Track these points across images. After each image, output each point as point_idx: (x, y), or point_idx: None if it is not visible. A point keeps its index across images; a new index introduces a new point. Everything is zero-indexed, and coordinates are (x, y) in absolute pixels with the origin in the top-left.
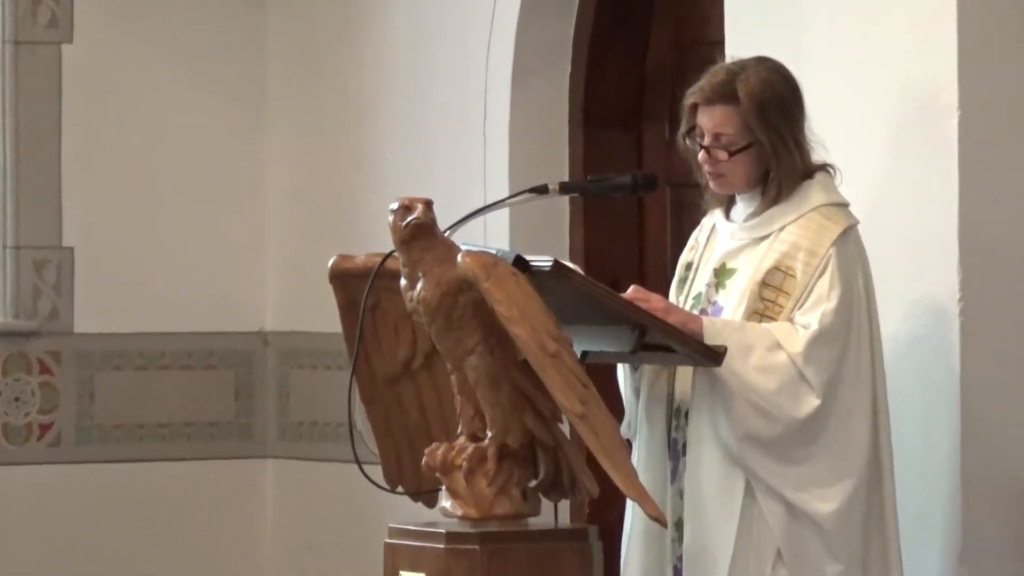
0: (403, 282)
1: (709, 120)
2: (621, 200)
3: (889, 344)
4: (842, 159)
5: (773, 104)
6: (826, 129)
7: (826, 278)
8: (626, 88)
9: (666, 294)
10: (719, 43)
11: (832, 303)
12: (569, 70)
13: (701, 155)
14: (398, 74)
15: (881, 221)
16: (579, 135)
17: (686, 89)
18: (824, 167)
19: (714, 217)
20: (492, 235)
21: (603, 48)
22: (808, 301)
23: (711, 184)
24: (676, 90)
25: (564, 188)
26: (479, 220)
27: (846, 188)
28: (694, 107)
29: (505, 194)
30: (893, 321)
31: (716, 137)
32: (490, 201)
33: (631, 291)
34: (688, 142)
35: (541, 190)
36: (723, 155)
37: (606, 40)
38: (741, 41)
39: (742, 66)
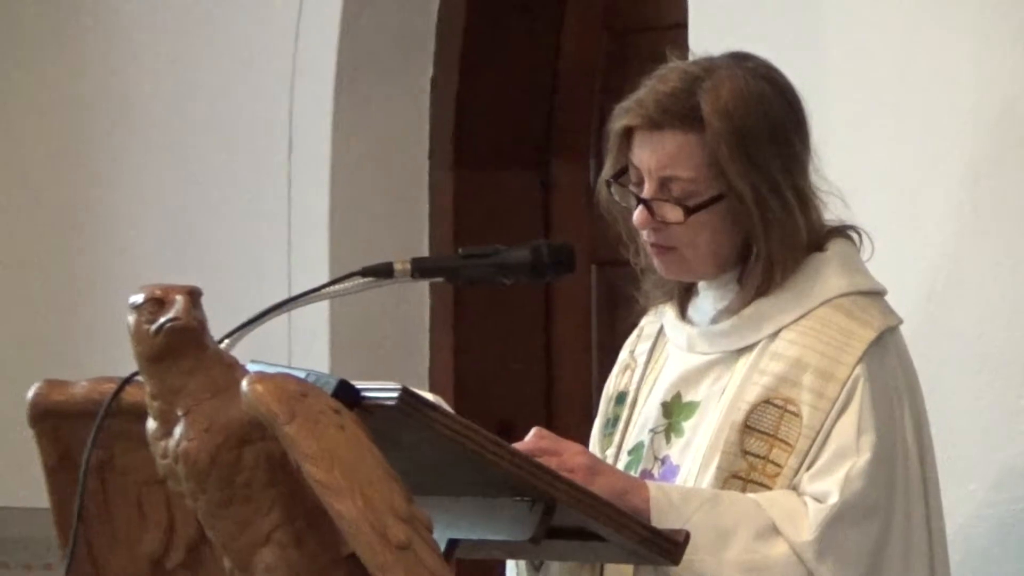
0: (151, 425)
1: (653, 156)
2: (515, 289)
3: (958, 521)
4: (877, 216)
5: (760, 130)
6: (849, 169)
7: (851, 417)
8: (524, 107)
9: (587, 442)
10: (676, 28)
11: (863, 458)
12: (430, 78)
13: (638, 214)
14: (150, 86)
15: (942, 314)
16: (445, 181)
17: (617, 104)
18: (844, 231)
19: (661, 318)
20: (301, 348)
21: (485, 43)
22: (823, 457)
23: (656, 264)
24: (605, 107)
25: (420, 269)
26: (280, 322)
27: (884, 266)
28: (627, 134)
29: (323, 278)
30: (967, 483)
31: (664, 185)
32: (298, 291)
33: (532, 439)
34: (616, 192)
35: (382, 272)
36: (675, 214)
37: (490, 30)
38: (712, 26)
39: (709, 67)
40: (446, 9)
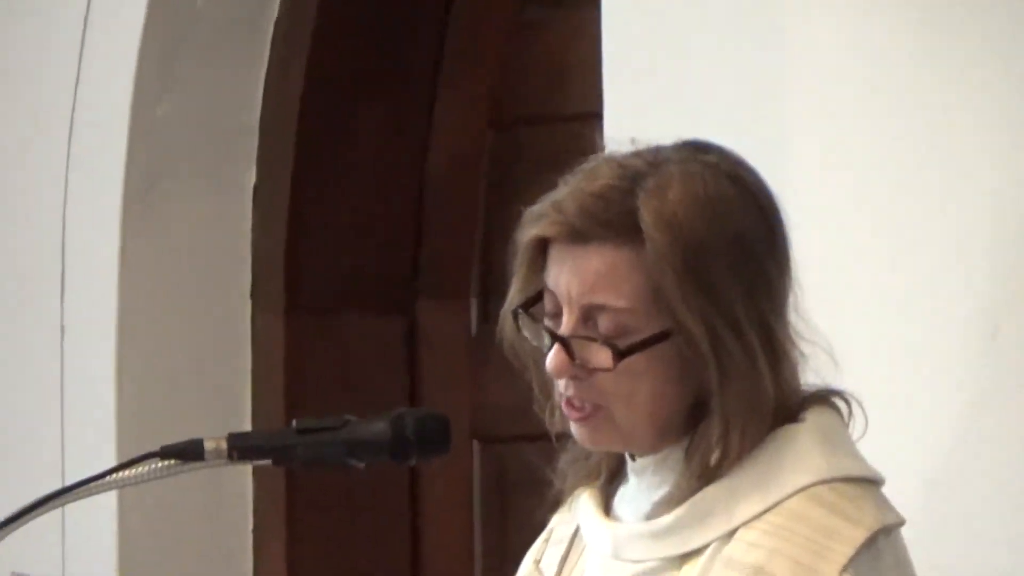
0: None
1: (575, 279)
2: (371, 475)
3: None
4: (868, 381)
5: (719, 247)
6: (838, 308)
7: None
8: (381, 227)
9: None
10: (586, 119)
11: None
12: (252, 187)
13: (553, 357)
14: None
15: (950, 510)
16: (273, 330)
17: (523, 206)
18: (827, 398)
19: (577, 512)
20: (79, 555)
21: (327, 140)
22: None
23: (575, 431)
24: (491, 227)
25: (240, 448)
26: (52, 520)
27: (880, 448)
28: (541, 249)
29: (108, 462)
30: None
31: (588, 317)
32: (75, 479)
33: None
34: (526, 327)
35: (188, 452)
36: (602, 357)
37: (335, 123)
38: (640, 114)
39: (654, 161)
40: (275, 94)
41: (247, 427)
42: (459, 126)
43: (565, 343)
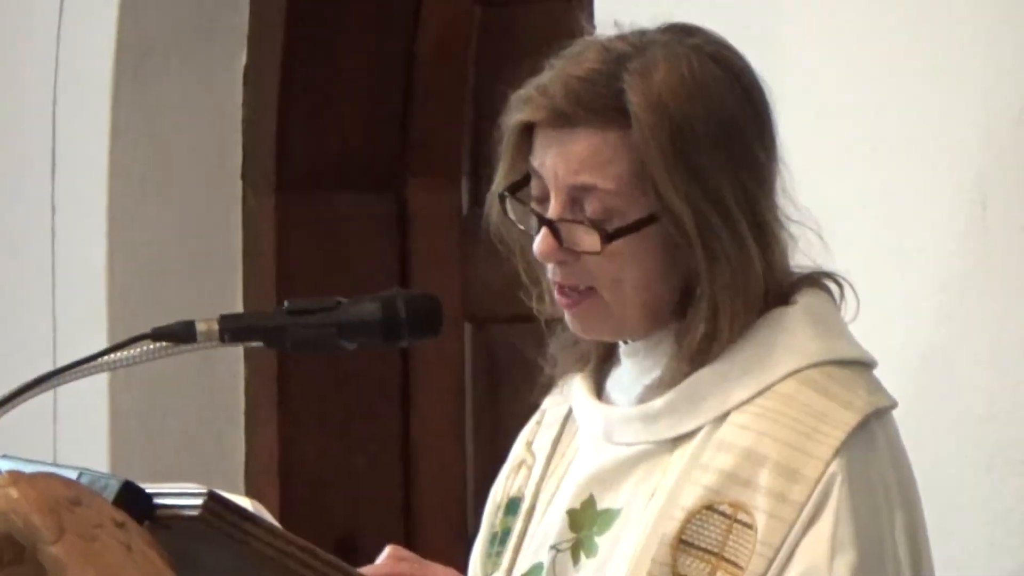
0: None
1: (561, 162)
2: (362, 356)
3: None
4: (859, 258)
5: (706, 129)
6: (826, 194)
7: (824, 529)
8: (370, 106)
9: (463, 565)
10: None
11: None
12: (242, 68)
13: (540, 241)
14: None
15: (942, 390)
16: (264, 210)
17: (509, 89)
18: (818, 280)
19: (569, 394)
20: (71, 437)
21: (316, 20)
22: None
23: (567, 316)
24: (480, 105)
25: (231, 330)
26: (44, 402)
27: (872, 329)
28: (527, 133)
29: (100, 343)
30: None
31: (575, 200)
32: (67, 360)
33: (386, 561)
34: (513, 210)
35: (180, 335)
36: (590, 240)
37: (323, 3)
38: None
39: (640, 44)
40: None
41: (238, 307)
42: (447, 3)
43: (552, 226)
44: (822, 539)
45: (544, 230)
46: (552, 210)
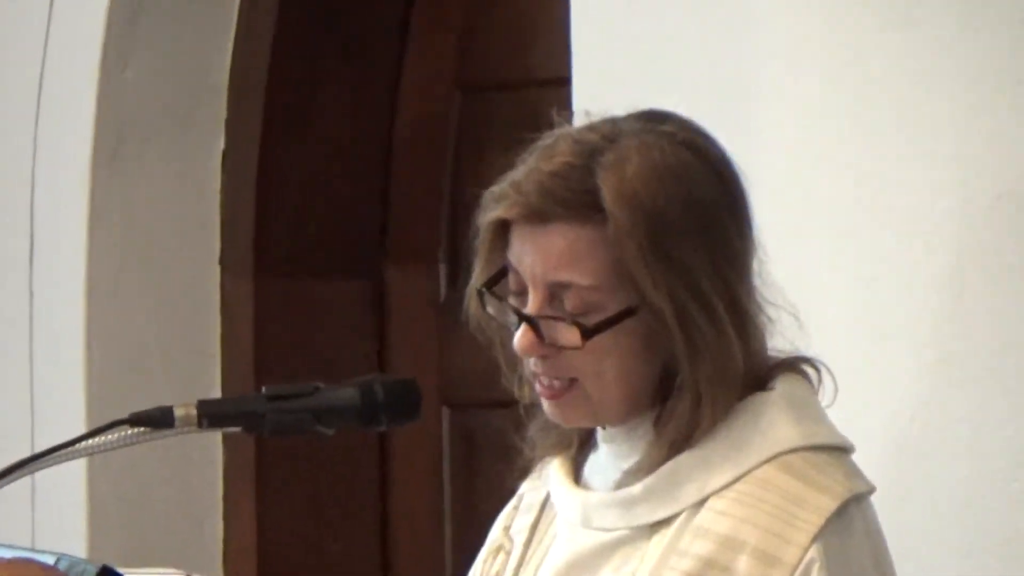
0: None
1: (538, 259)
2: (340, 440)
3: None
4: (836, 345)
5: (681, 219)
6: (801, 275)
7: None
8: (348, 191)
9: None
10: (554, 85)
11: None
12: (220, 153)
13: (521, 337)
14: None
15: (921, 473)
16: (242, 295)
17: (483, 183)
18: (796, 365)
19: (547, 479)
20: (49, 522)
21: (295, 104)
22: None
23: (547, 409)
24: (457, 190)
25: (209, 415)
26: (22, 487)
27: (851, 415)
28: (502, 228)
29: (78, 429)
30: None
31: (554, 296)
32: (45, 446)
33: None
34: (491, 306)
35: (157, 420)
36: (570, 336)
37: (302, 87)
38: (607, 80)
39: (611, 135)
40: (243, 58)
41: (216, 391)
42: (426, 88)
43: (532, 323)
44: None
45: (524, 326)
46: (531, 306)
